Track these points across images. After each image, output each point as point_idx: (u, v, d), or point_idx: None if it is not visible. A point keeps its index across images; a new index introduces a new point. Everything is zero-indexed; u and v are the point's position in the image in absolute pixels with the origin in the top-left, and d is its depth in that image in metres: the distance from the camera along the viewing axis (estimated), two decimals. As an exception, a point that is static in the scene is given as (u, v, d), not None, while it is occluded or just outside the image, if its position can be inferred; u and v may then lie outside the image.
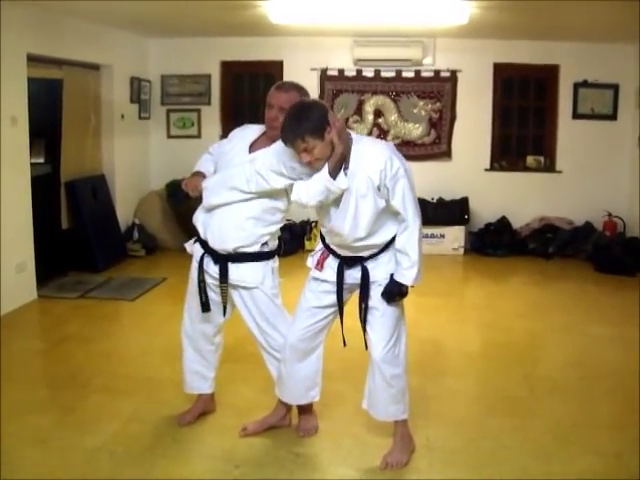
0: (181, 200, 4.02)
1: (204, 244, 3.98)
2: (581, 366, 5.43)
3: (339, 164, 3.51)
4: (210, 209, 3.93)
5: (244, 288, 3.95)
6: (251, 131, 4.03)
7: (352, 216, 3.56)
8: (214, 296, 4.04)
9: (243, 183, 3.77)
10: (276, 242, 4.03)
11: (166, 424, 4.29)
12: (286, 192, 3.79)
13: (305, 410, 4.25)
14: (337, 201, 3.58)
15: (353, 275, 3.78)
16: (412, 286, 3.72)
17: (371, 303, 3.76)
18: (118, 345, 5.92)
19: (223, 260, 3.91)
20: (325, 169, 3.49)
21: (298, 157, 3.53)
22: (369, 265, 3.74)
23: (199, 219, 4.03)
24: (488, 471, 3.75)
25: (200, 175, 4.07)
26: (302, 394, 4.11)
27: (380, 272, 3.72)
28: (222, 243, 3.88)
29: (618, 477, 3.69)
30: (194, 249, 4.10)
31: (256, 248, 3.90)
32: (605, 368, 5.40)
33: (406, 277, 3.65)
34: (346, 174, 3.51)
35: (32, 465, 3.77)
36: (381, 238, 3.68)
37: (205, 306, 4.03)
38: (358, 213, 3.55)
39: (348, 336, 3.90)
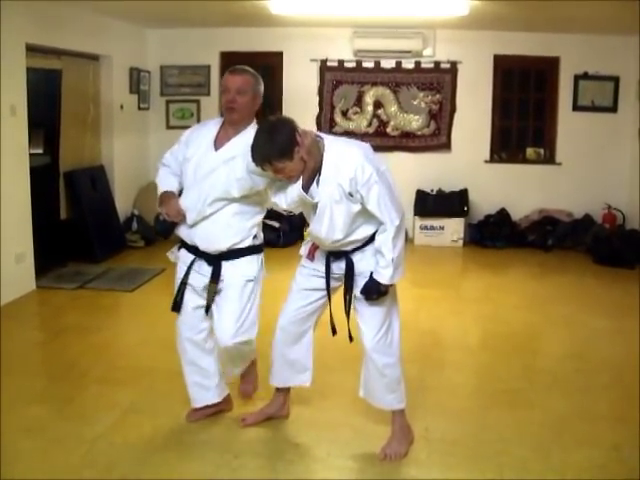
0: (169, 231, 3.95)
1: (193, 249, 3.94)
2: (580, 358, 5.43)
3: (312, 176, 3.53)
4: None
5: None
6: (208, 128, 4.00)
7: (328, 221, 3.57)
8: (199, 301, 3.99)
9: (226, 192, 3.75)
10: (261, 235, 4.02)
11: (165, 414, 4.30)
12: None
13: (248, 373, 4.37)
14: (315, 206, 3.59)
15: (340, 266, 3.79)
16: (391, 284, 3.72)
17: (360, 294, 3.75)
18: (117, 336, 5.92)
19: (216, 260, 3.88)
20: (299, 182, 3.51)
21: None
22: (355, 257, 3.74)
23: (181, 229, 3.96)
24: (487, 463, 3.75)
25: (172, 196, 3.96)
26: (291, 376, 4.11)
27: (366, 264, 3.72)
28: (214, 245, 3.85)
29: (617, 469, 3.69)
30: (180, 255, 4.05)
31: (248, 242, 3.90)
32: (604, 361, 5.40)
33: (382, 276, 3.63)
34: (318, 183, 3.52)
35: (31, 455, 3.78)
36: (361, 234, 3.67)
37: (176, 306, 4.03)
38: (333, 218, 3.56)
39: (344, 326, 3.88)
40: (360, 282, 3.74)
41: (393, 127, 9.91)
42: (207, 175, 3.79)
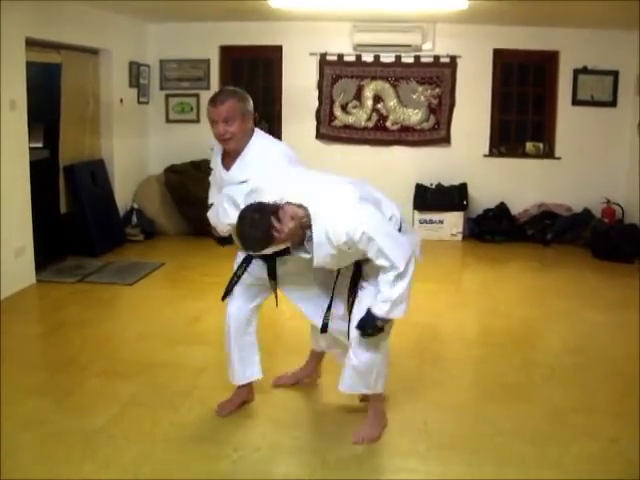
0: (228, 241, 4.06)
1: None
2: (579, 352, 5.44)
3: (300, 242, 3.56)
4: None
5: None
6: (219, 147, 4.05)
7: (336, 260, 3.60)
8: (253, 281, 4.08)
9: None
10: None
11: (164, 407, 4.31)
12: None
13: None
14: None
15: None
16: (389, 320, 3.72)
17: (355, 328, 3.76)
18: (116, 329, 5.93)
19: (270, 258, 3.90)
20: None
21: None
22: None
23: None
24: (485, 455, 3.77)
25: None
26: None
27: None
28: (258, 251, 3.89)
29: (614, 462, 3.71)
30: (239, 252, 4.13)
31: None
32: (602, 354, 5.41)
33: (379, 308, 3.61)
34: (311, 247, 3.52)
35: (31, 447, 3.79)
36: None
37: (228, 294, 4.11)
38: (341, 256, 3.57)
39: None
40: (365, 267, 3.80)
41: (392, 121, 9.91)
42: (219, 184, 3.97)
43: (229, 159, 3.92)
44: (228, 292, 4.11)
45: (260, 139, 3.95)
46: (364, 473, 3.61)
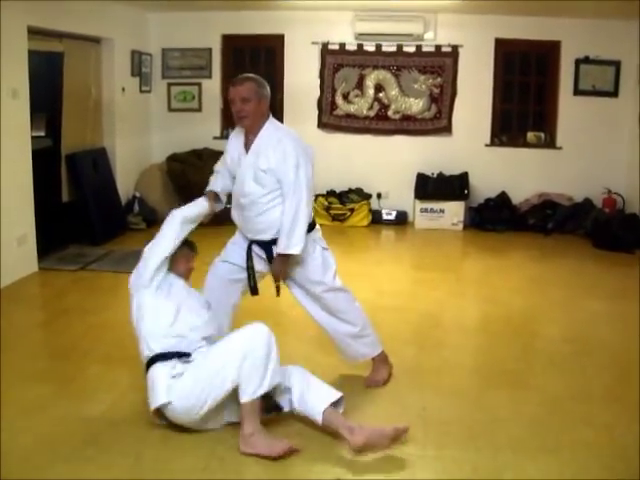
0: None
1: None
2: (577, 341, 5.47)
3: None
4: (239, 202, 4.22)
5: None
6: (238, 135, 4.30)
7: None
8: (237, 274, 4.37)
9: (257, 183, 4.10)
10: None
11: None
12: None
13: (377, 361, 4.57)
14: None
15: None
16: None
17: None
18: (118, 316, 5.93)
19: (268, 245, 4.20)
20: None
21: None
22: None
23: (234, 217, 4.33)
24: (483, 442, 3.79)
25: (210, 196, 4.33)
26: None
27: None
28: (260, 235, 4.19)
29: (610, 448, 3.74)
30: (236, 239, 4.42)
31: None
32: (601, 343, 5.44)
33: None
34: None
35: (33, 433, 3.82)
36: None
37: (254, 290, 4.32)
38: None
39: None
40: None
41: (394, 110, 9.92)
42: (243, 175, 4.13)
43: (249, 143, 4.15)
44: (254, 288, 4.32)
45: (273, 125, 4.18)
46: (362, 458, 3.63)
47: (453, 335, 5.68)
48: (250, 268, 4.26)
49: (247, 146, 4.15)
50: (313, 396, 3.80)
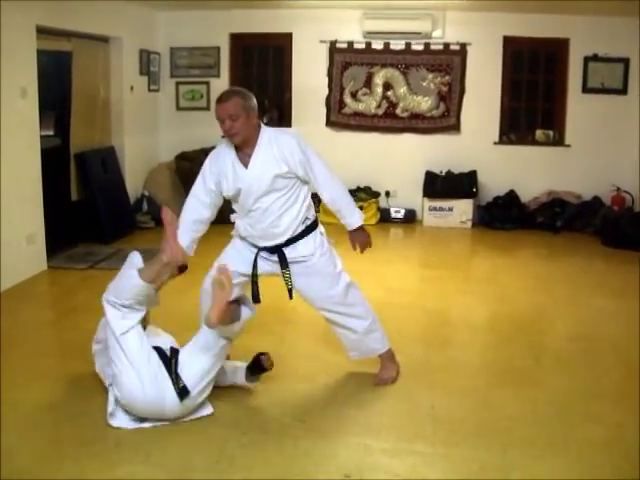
0: None
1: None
2: (586, 338, 5.46)
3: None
4: (247, 214, 4.20)
5: (299, 263, 4.23)
6: (225, 152, 4.19)
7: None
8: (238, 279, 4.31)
9: (270, 189, 4.09)
10: (313, 211, 4.30)
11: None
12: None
13: (385, 359, 4.57)
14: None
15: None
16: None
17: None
18: (127, 315, 5.97)
19: (279, 249, 4.19)
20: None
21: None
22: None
23: (243, 231, 4.28)
24: (491, 440, 3.79)
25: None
26: None
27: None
28: (277, 240, 4.18)
29: (618, 447, 3.73)
30: (238, 246, 4.38)
31: (300, 228, 4.20)
32: (609, 341, 5.43)
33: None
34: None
35: (42, 430, 3.85)
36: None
37: (256, 298, 4.31)
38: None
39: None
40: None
41: (402, 108, 9.92)
42: (250, 189, 4.08)
43: (245, 157, 4.10)
44: (256, 296, 4.32)
45: (267, 131, 4.14)
46: (372, 456, 3.64)
47: (461, 333, 5.68)
48: (255, 276, 4.28)
49: (243, 160, 4.10)
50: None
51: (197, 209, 4.26)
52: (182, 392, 3.79)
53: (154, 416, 3.86)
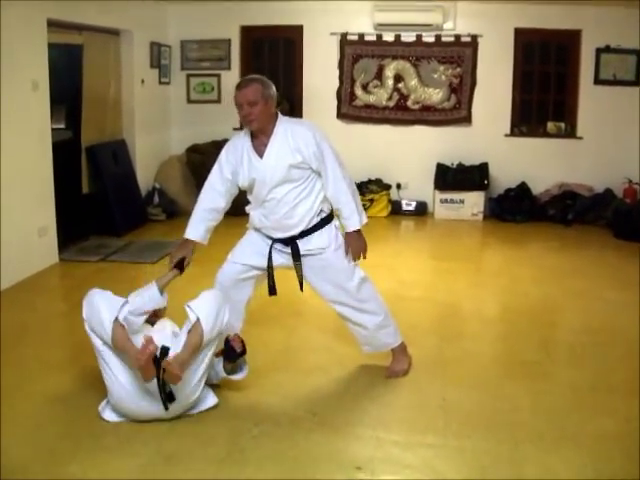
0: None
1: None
2: (597, 331, 5.45)
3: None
4: (262, 205, 4.18)
5: (314, 255, 4.22)
6: (241, 142, 4.21)
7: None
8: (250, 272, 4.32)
9: (285, 179, 4.08)
10: (329, 204, 4.27)
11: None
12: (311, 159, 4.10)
13: (397, 352, 4.57)
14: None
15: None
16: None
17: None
18: (139, 307, 5.98)
19: (292, 241, 4.18)
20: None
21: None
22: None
23: (257, 221, 4.27)
24: (503, 432, 3.79)
25: (186, 247, 4.40)
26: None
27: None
28: (290, 232, 4.16)
29: (629, 440, 3.72)
30: (254, 239, 4.35)
31: (315, 220, 4.19)
32: (621, 333, 5.41)
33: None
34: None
35: (55, 422, 3.87)
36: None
37: (272, 290, 4.31)
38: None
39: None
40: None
41: (413, 101, 9.90)
42: (264, 178, 4.08)
43: (261, 147, 4.11)
44: (272, 288, 4.32)
45: (283, 121, 4.16)
46: (383, 448, 3.64)
47: (473, 325, 5.68)
48: (270, 268, 4.26)
49: (258, 150, 4.11)
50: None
51: (213, 198, 4.24)
52: (168, 398, 3.77)
53: (148, 418, 3.85)
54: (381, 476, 3.42)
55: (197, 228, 4.27)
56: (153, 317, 4.12)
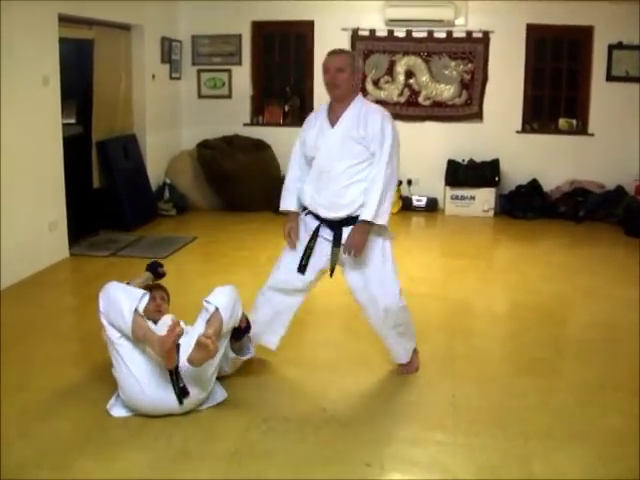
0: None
1: (317, 215, 4.26)
2: (607, 328, 5.43)
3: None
4: (318, 177, 4.20)
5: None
6: (319, 112, 4.37)
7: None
8: (315, 262, 4.28)
9: (346, 154, 4.14)
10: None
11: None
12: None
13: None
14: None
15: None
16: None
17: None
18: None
19: (337, 226, 4.18)
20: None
21: None
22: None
23: (308, 196, 4.26)
24: (512, 429, 3.78)
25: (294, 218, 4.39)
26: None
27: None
28: (337, 212, 4.16)
29: (637, 437, 3.70)
30: (305, 221, 4.33)
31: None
32: (631, 331, 5.37)
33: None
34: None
35: (65, 415, 3.88)
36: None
37: (303, 269, 4.27)
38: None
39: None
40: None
41: (425, 97, 9.88)
42: (329, 147, 4.16)
43: (335, 117, 4.20)
44: (303, 266, 4.28)
45: (361, 99, 4.29)
46: (393, 445, 3.64)
47: (483, 322, 5.67)
48: (309, 248, 4.26)
49: (332, 120, 4.21)
50: None
51: (297, 169, 4.39)
52: (182, 392, 3.78)
53: (161, 413, 3.86)
54: (390, 473, 3.42)
55: (290, 201, 4.38)
56: (157, 314, 4.12)
